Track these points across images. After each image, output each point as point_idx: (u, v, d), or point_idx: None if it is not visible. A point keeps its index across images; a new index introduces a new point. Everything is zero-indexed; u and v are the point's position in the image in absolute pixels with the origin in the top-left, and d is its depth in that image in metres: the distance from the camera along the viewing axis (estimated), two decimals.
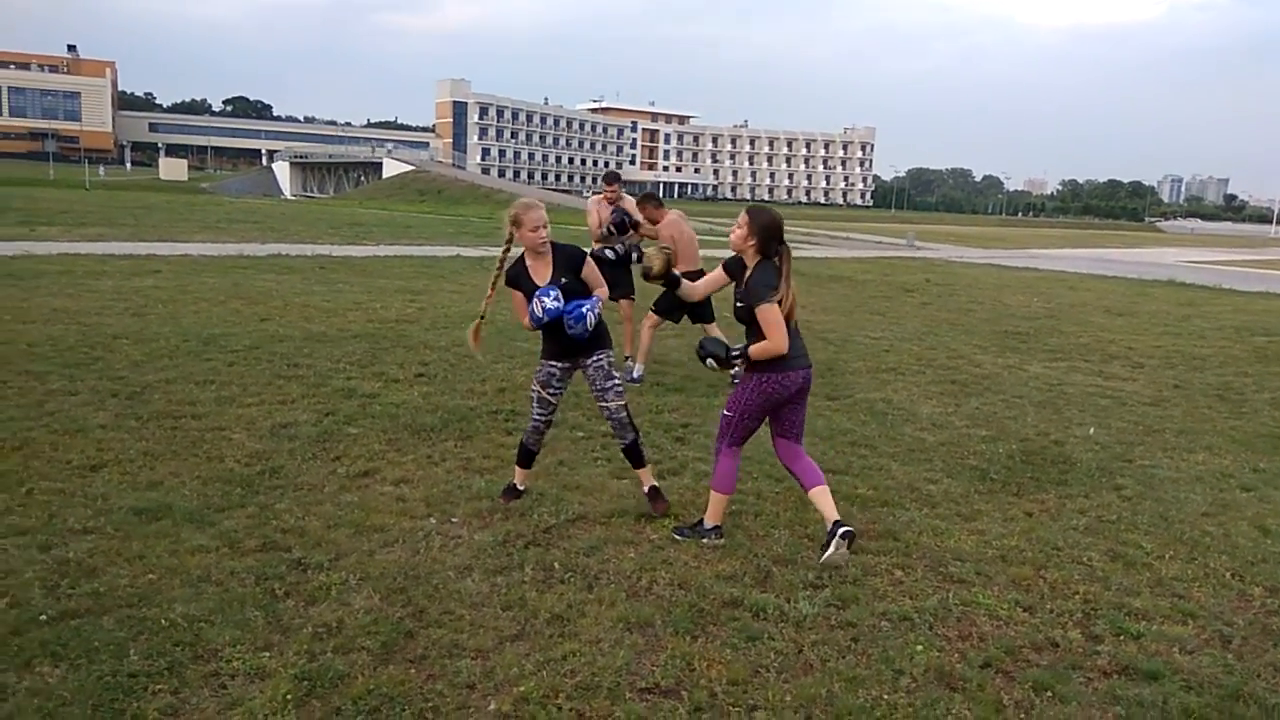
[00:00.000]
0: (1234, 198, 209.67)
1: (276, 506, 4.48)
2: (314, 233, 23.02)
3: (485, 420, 6.27)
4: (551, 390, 4.61)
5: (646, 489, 4.68)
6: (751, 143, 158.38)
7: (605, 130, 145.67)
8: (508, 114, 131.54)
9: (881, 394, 7.83)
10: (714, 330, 7.88)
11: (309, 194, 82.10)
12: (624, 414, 4.56)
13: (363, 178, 77.05)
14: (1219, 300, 18.69)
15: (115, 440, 5.39)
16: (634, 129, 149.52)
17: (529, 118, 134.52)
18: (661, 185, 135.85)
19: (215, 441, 5.48)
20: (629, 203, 8.24)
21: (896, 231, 47.13)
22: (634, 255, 6.72)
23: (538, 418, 4.67)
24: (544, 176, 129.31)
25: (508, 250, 4.56)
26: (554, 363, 4.58)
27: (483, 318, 4.73)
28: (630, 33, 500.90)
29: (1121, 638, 3.58)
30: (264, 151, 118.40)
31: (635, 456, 4.65)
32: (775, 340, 3.94)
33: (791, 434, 4.24)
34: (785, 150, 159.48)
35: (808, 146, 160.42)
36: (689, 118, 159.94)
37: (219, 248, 17.59)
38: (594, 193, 8.91)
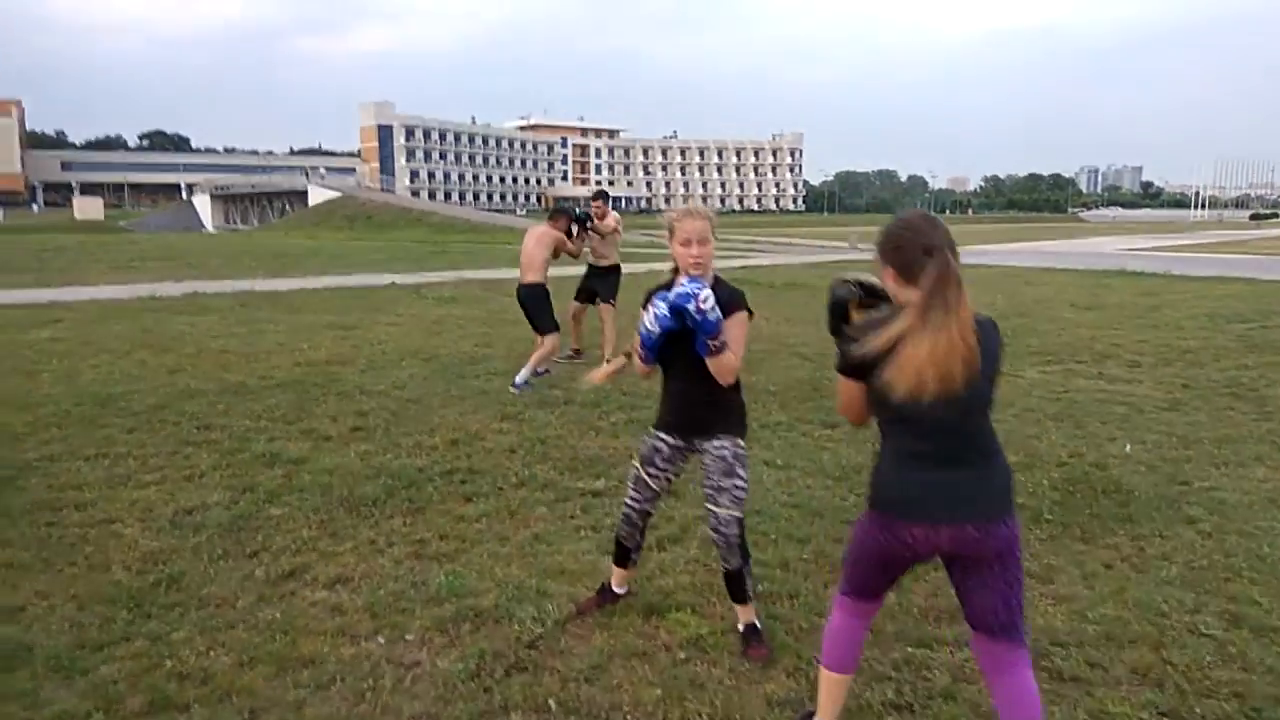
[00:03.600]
0: (1150, 184, 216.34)
1: (173, 636, 3.42)
2: (235, 267, 21.59)
3: (439, 484, 5.24)
4: (653, 471, 3.43)
5: (742, 626, 3.42)
6: (682, 153, 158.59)
7: (536, 148, 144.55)
8: (435, 135, 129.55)
9: None
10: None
11: (232, 226, 79.54)
12: (735, 530, 3.28)
13: (288, 207, 74.64)
14: (1177, 287, 18.36)
15: None
16: (564, 145, 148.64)
17: (457, 138, 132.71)
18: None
19: (101, 541, 4.36)
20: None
21: (834, 235, 46.89)
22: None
23: (630, 504, 3.50)
24: (476, 197, 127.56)
25: (676, 273, 3.26)
26: (663, 436, 3.41)
27: (629, 357, 3.41)
28: (553, 49, 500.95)
29: None
30: (184, 185, 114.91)
31: (738, 588, 3.39)
32: (838, 406, 2.63)
33: (981, 623, 2.45)
34: (716, 159, 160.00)
35: (738, 155, 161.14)
36: (618, 131, 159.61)
37: (130, 289, 16.16)
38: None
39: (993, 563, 2.38)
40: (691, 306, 3.01)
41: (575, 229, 8.67)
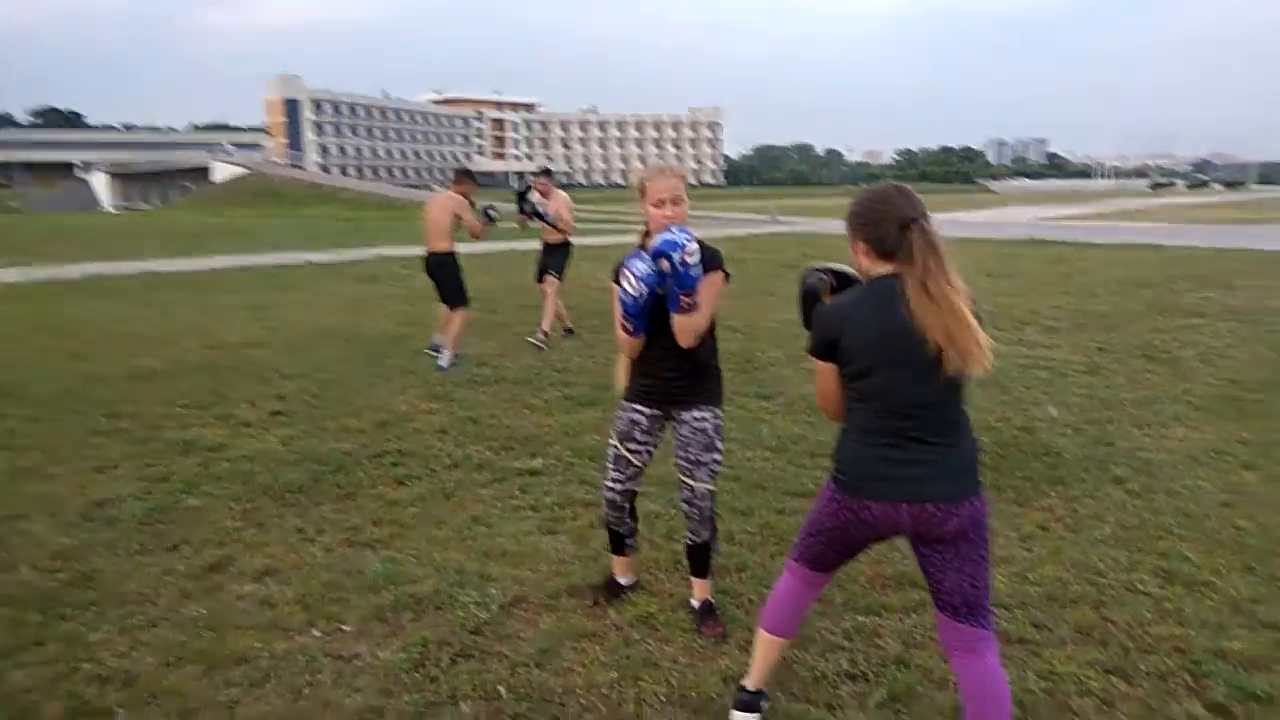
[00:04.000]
0: (1055, 156, 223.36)
1: (90, 638, 3.20)
2: (137, 247, 20.69)
3: (368, 468, 5.05)
4: (634, 446, 3.23)
5: (697, 603, 3.32)
6: (601, 127, 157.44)
7: (451, 121, 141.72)
8: (345, 109, 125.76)
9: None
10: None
11: (132, 205, 76.33)
12: (709, 504, 3.18)
13: (191, 184, 71.97)
14: (1086, 255, 18.95)
15: None
16: (480, 119, 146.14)
17: (369, 112, 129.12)
18: (511, 175, 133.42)
19: (6, 539, 4.08)
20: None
21: (755, 208, 47.20)
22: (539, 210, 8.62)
23: (613, 484, 3.28)
24: (390, 172, 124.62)
25: (646, 236, 3.07)
26: (639, 407, 3.21)
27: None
28: (467, 21, 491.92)
29: (1253, 705, 2.78)
30: (79, 163, 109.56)
31: (700, 561, 3.28)
32: (817, 401, 2.49)
33: (947, 604, 2.35)
34: (635, 134, 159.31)
35: (657, 129, 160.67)
36: (536, 105, 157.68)
37: (25, 272, 15.34)
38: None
39: (956, 541, 2.29)
40: (677, 256, 2.79)
41: (488, 216, 7.92)
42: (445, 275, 7.86)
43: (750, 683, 2.66)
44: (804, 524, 2.54)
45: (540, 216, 8.63)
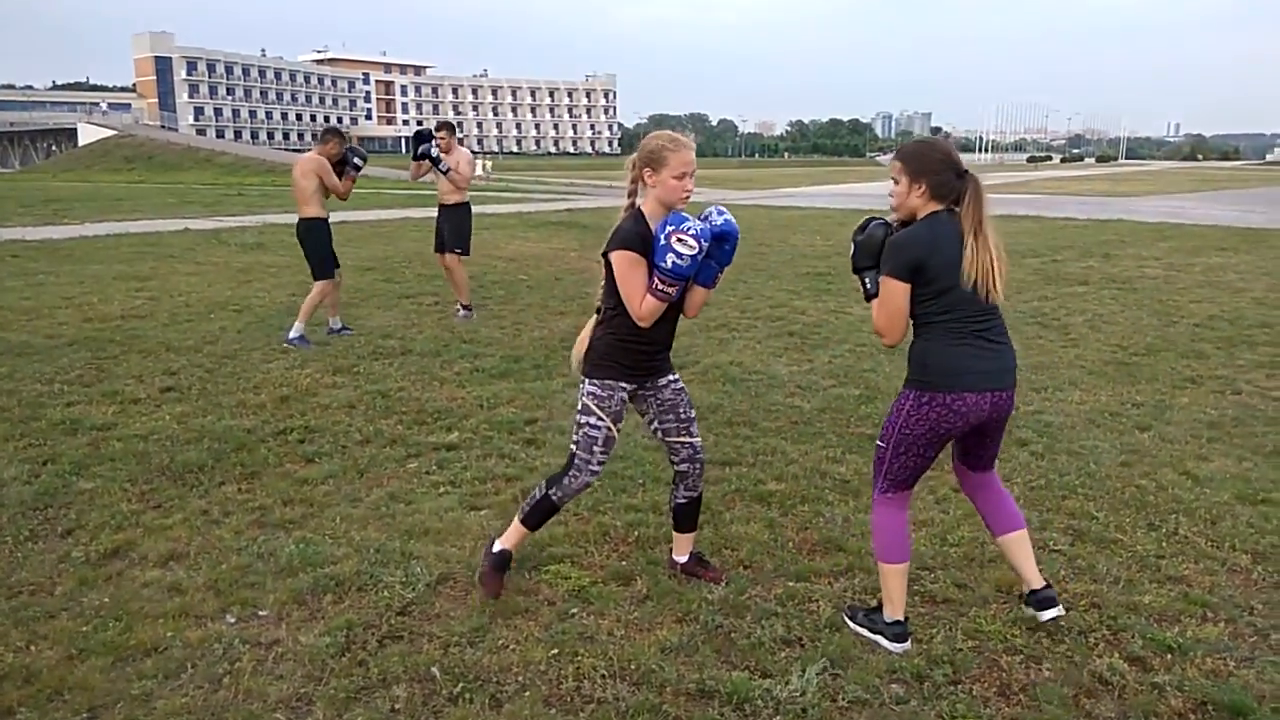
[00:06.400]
0: (939, 129, 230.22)
1: None
2: (0, 213, 19.31)
3: (273, 446, 4.83)
4: (621, 425, 3.19)
5: (689, 556, 3.42)
6: (494, 92, 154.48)
7: (335, 83, 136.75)
8: (220, 68, 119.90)
9: (728, 356, 7.03)
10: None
11: None
12: (704, 455, 3.39)
13: (54, 146, 67.70)
14: None
15: None
16: (366, 81, 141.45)
17: (246, 72, 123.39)
18: (403, 140, 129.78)
19: None
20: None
21: None
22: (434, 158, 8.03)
23: (598, 466, 3.18)
24: (270, 136, 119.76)
25: (631, 208, 3.05)
26: (625, 385, 3.13)
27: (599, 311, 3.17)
28: None
29: (1168, 656, 2.90)
30: None
31: (692, 515, 3.37)
32: (879, 327, 2.86)
33: (978, 465, 3.05)
34: (529, 100, 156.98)
35: (551, 95, 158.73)
36: (425, 68, 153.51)
37: None
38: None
39: (1003, 422, 2.91)
40: (735, 237, 3.00)
41: (353, 165, 7.37)
42: (306, 244, 7.40)
43: (900, 614, 2.93)
44: (884, 453, 2.91)
45: (434, 163, 8.01)
